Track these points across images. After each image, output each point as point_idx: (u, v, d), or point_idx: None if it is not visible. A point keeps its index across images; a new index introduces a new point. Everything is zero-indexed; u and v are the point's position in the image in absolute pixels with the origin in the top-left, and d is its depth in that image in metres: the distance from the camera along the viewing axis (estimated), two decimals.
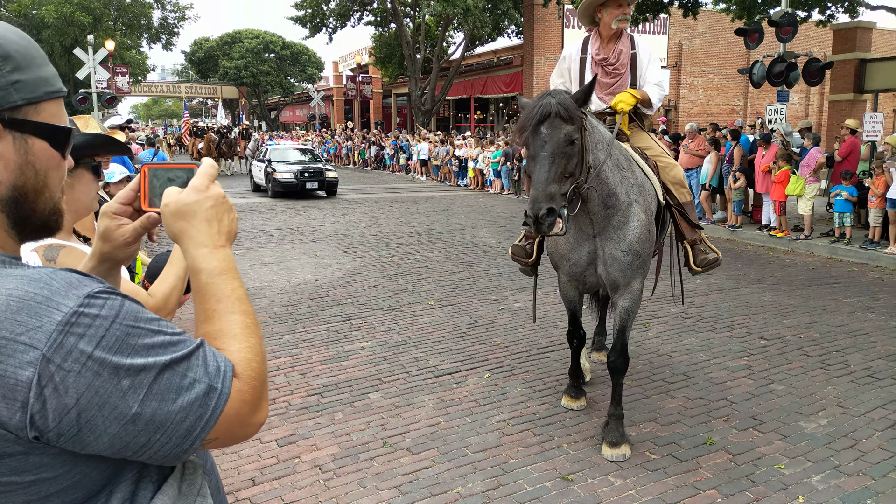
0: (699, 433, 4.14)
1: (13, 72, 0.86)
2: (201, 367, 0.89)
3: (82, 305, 0.81)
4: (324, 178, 18.03)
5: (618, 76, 4.38)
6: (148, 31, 36.56)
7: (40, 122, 0.90)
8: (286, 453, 3.92)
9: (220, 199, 1.05)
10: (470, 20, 24.41)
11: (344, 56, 45.90)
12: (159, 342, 0.86)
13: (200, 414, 0.87)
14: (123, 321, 0.84)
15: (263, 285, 8.00)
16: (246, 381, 0.94)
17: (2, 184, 0.88)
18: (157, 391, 0.84)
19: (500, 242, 10.94)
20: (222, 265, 1.02)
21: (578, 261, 3.97)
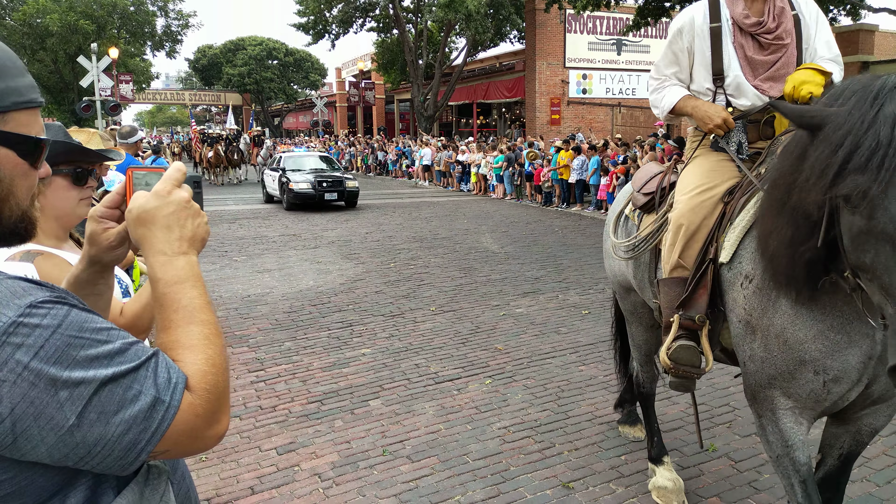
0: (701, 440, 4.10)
1: None
2: (150, 378, 0.87)
3: (22, 315, 0.81)
4: (343, 187, 16.57)
5: (780, 49, 2.81)
6: (151, 39, 36.72)
7: (4, 132, 0.90)
8: (285, 461, 3.90)
9: (183, 203, 1.03)
10: (472, 26, 24.46)
11: (347, 62, 46.06)
12: (105, 352, 0.85)
13: (145, 427, 0.86)
14: (66, 331, 0.83)
15: (265, 292, 7.99)
16: (199, 394, 0.91)
17: None
18: (97, 404, 0.82)
19: (503, 248, 10.93)
20: (181, 273, 1.00)
21: (846, 370, 2.18)
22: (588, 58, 26.54)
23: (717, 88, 2.87)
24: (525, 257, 10.10)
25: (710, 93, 2.89)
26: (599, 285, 8.21)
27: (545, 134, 23.98)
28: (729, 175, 2.78)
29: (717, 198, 2.71)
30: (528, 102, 26.40)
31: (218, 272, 9.12)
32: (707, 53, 2.85)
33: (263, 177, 19.36)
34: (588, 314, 6.92)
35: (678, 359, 2.66)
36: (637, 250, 3.16)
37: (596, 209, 15.23)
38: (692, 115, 2.91)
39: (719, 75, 2.85)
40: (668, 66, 3.02)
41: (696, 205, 2.71)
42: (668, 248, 2.78)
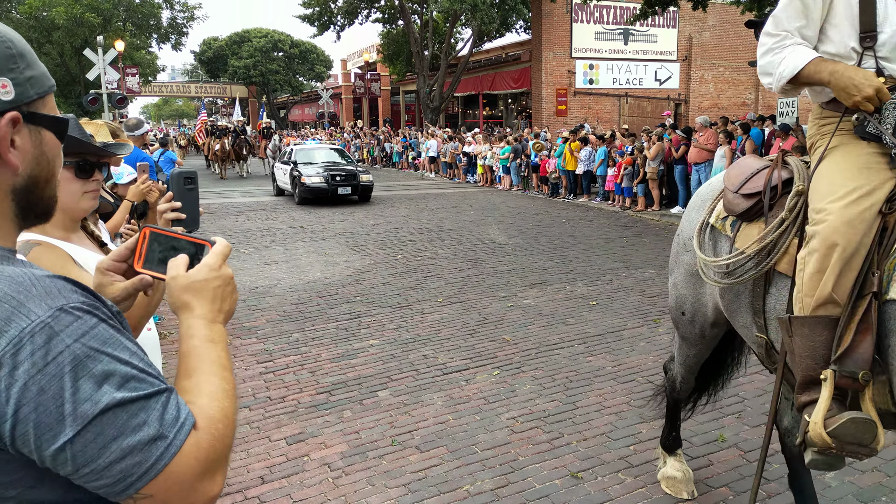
0: (710, 430, 4.10)
1: (27, 68, 0.91)
2: (157, 411, 0.85)
3: (50, 317, 0.81)
4: (357, 181, 16.12)
5: None
6: (157, 32, 36.73)
7: (49, 115, 0.94)
8: (295, 451, 3.92)
9: (229, 279, 1.09)
10: (478, 16, 24.34)
11: (352, 54, 45.94)
12: (121, 373, 0.84)
13: (140, 461, 0.83)
14: (88, 342, 0.82)
15: (273, 284, 8.02)
16: (204, 439, 0.89)
17: (19, 174, 0.91)
18: (98, 424, 0.81)
19: (510, 239, 10.91)
20: (215, 335, 1.03)
21: None
22: (595, 48, 26.36)
23: (865, 50, 2.20)
24: (532, 248, 10.08)
25: (854, 55, 2.21)
26: (607, 276, 8.19)
27: (551, 125, 23.88)
28: (885, 175, 2.14)
29: (876, 208, 2.09)
30: (535, 93, 26.27)
31: None
32: (854, 2, 2.19)
33: (274, 170, 19.05)
34: (596, 305, 6.91)
35: (842, 436, 2.01)
36: (741, 274, 2.41)
37: (603, 200, 15.18)
38: (829, 82, 2.17)
39: (870, 32, 2.18)
40: (793, 18, 2.27)
41: (854, 217, 2.07)
42: (813, 275, 2.12)
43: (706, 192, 2.94)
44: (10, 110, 0.88)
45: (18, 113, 0.89)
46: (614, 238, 10.96)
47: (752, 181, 2.50)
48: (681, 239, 3.02)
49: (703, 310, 2.92)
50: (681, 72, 27.98)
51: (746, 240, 2.42)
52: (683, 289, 3.02)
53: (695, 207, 2.95)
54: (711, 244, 2.69)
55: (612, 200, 14.82)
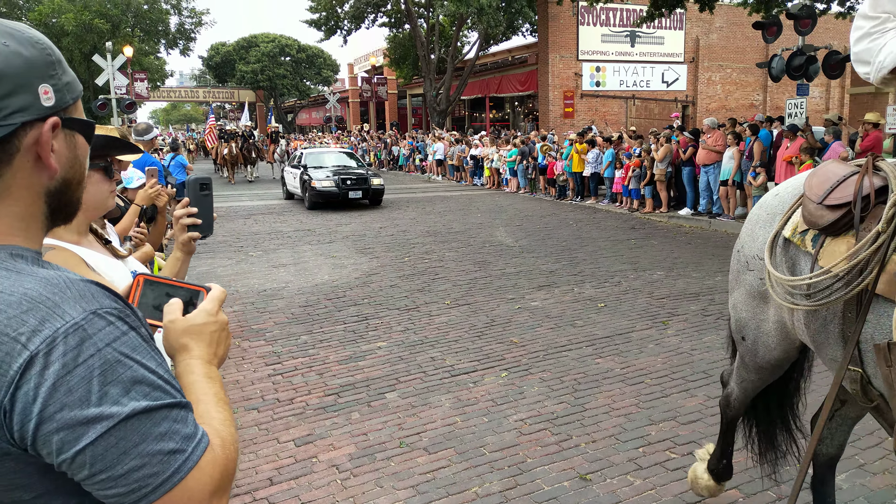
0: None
1: (63, 74, 0.94)
2: (178, 423, 0.86)
3: (84, 320, 0.82)
4: (368, 185, 15.94)
5: None
6: (165, 37, 36.97)
7: (82, 119, 0.98)
8: (303, 453, 3.93)
9: (224, 325, 1.13)
10: (484, 19, 24.37)
11: (359, 58, 46.07)
12: (148, 381, 0.84)
13: (157, 471, 0.83)
14: (119, 348, 0.83)
15: (281, 286, 8.04)
16: (219, 458, 0.90)
17: (54, 177, 0.93)
18: (122, 430, 0.81)
19: (517, 241, 10.90)
20: (212, 374, 1.06)
21: None
22: (601, 50, 26.34)
23: None
24: (540, 251, 10.07)
25: None
26: (615, 278, 8.17)
27: (558, 127, 23.86)
28: None
29: None
30: (541, 96, 26.27)
31: (234, 267, 9.18)
32: None
33: (284, 174, 18.92)
34: (604, 307, 6.89)
35: None
36: (826, 297, 2.09)
37: (611, 202, 15.14)
38: None
39: None
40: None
41: None
42: None
43: (773, 203, 2.59)
44: (51, 116, 0.90)
45: (58, 118, 0.91)
46: (622, 240, 10.93)
47: (839, 190, 2.17)
48: (742, 256, 2.71)
49: (766, 339, 2.64)
50: (688, 73, 27.91)
51: (832, 257, 2.10)
52: (744, 311, 2.74)
53: (760, 221, 2.62)
54: (787, 262, 2.36)
55: (620, 202, 14.78)
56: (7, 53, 0.87)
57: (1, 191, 0.89)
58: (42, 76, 0.90)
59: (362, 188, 15.87)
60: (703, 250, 10.01)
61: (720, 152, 12.17)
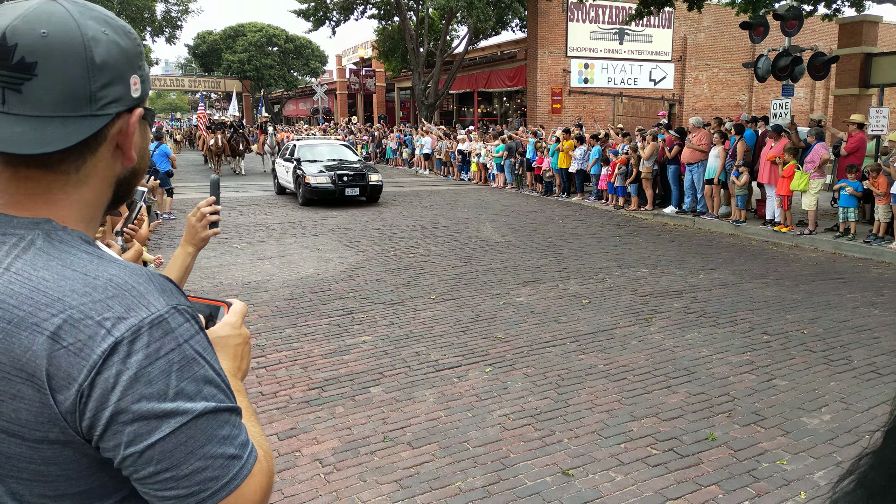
0: (701, 429, 4.13)
1: (145, 65, 0.93)
2: (237, 429, 0.86)
3: (168, 313, 0.82)
4: (366, 181, 15.01)
5: None
6: (151, 25, 36.50)
7: (151, 109, 0.97)
8: (286, 447, 3.92)
9: (247, 339, 1.12)
10: (473, 14, 24.31)
11: (347, 50, 45.81)
12: (216, 382, 0.84)
13: (219, 475, 0.82)
14: (195, 345, 0.83)
15: (265, 279, 8.00)
16: (266, 468, 0.90)
17: (127, 167, 0.93)
18: (192, 428, 0.80)
19: (503, 237, 10.92)
20: (239, 387, 1.04)
21: None
22: (590, 47, 26.40)
23: None
24: (525, 246, 10.09)
25: None
26: (600, 275, 8.22)
27: (546, 123, 23.90)
28: None
29: None
30: (530, 91, 26.29)
31: (218, 259, 9.12)
32: None
33: (275, 167, 17.90)
34: (588, 303, 6.93)
35: None
36: None
37: (596, 199, 15.21)
38: None
39: None
40: None
41: None
42: None
43: None
44: (137, 107, 0.91)
45: (143, 109, 0.92)
46: (607, 237, 10.99)
47: None
48: None
49: None
50: (675, 72, 28.05)
51: None
52: None
53: None
54: None
55: (606, 199, 14.85)
56: (107, 43, 0.85)
57: (81, 178, 0.88)
58: (133, 67, 0.89)
59: (360, 185, 14.96)
60: (686, 248, 10.09)
61: (705, 151, 12.26)
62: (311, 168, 15.10)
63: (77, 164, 0.87)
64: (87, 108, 0.83)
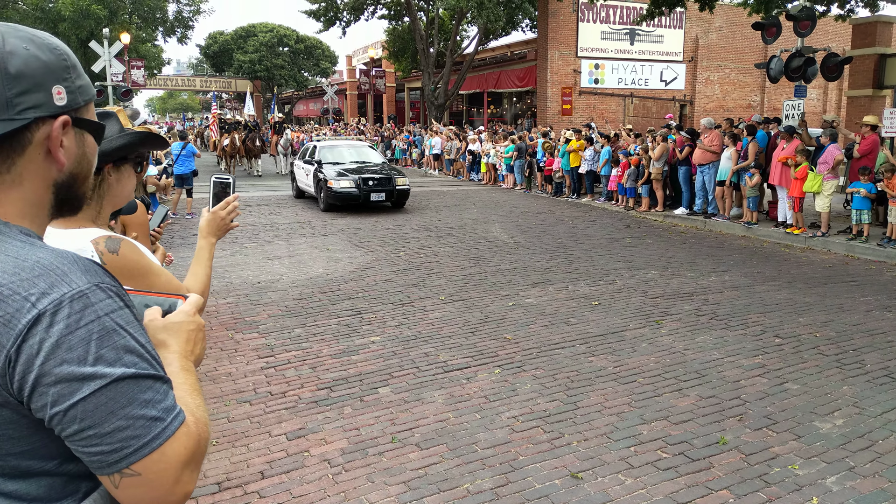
0: (712, 432, 4.09)
1: (77, 78, 1.03)
2: (160, 394, 0.94)
3: (89, 289, 0.91)
4: (392, 186, 13.95)
5: None
6: (163, 25, 36.72)
7: (92, 120, 1.07)
8: (295, 447, 3.92)
9: (201, 327, 1.22)
10: (484, 14, 24.29)
11: (357, 50, 45.90)
12: (138, 352, 0.93)
13: (140, 434, 0.91)
14: (115, 318, 0.92)
15: (275, 279, 8.01)
16: (193, 433, 0.98)
17: (62, 171, 1.02)
18: (112, 390, 0.89)
19: (512, 238, 10.90)
20: (189, 367, 1.13)
21: None
22: (600, 47, 26.31)
23: None
24: (535, 247, 10.07)
25: None
26: (609, 276, 8.18)
27: (556, 124, 23.84)
28: None
29: None
30: (540, 92, 26.23)
31: (228, 258, 9.15)
32: None
33: (293, 169, 16.96)
34: (598, 305, 6.90)
35: None
36: None
37: (606, 200, 15.15)
38: None
39: None
40: None
41: None
42: None
43: None
44: (63, 114, 0.99)
45: (69, 117, 1.00)
46: (617, 238, 10.94)
47: None
48: None
49: None
50: (686, 73, 27.91)
51: None
52: None
53: None
54: None
55: (616, 200, 14.79)
56: (27, 56, 0.96)
57: (14, 178, 0.98)
58: (57, 78, 0.99)
59: (386, 189, 13.89)
60: (697, 250, 10.03)
61: (717, 152, 12.18)
62: (334, 171, 14.21)
63: (7, 164, 0.97)
64: (3, 113, 0.93)
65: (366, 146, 17.15)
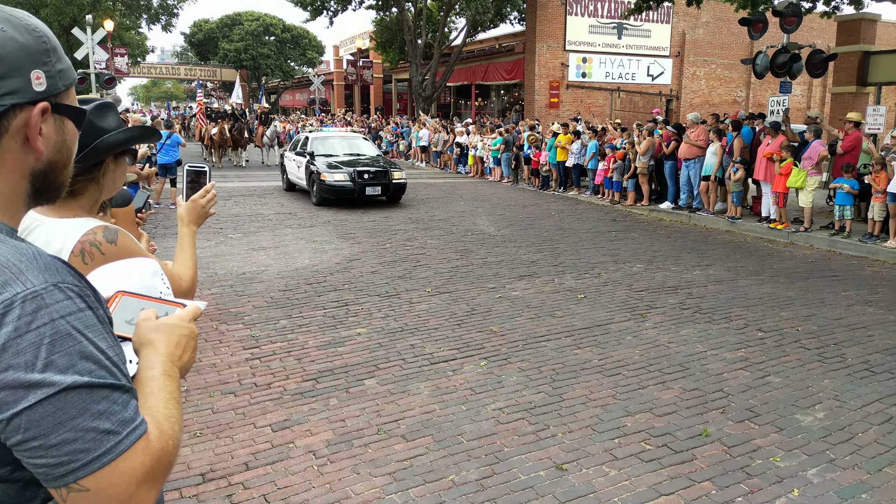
0: (695, 425, 4.13)
1: (58, 62, 0.97)
2: (118, 405, 0.87)
3: (44, 289, 0.85)
4: (388, 180, 13.51)
5: None
6: (147, 12, 36.19)
7: (73, 106, 1.01)
8: (280, 438, 3.91)
9: (194, 335, 1.16)
10: (472, 6, 24.21)
11: (345, 40, 45.59)
12: (95, 359, 0.86)
13: (89, 448, 0.84)
14: (72, 322, 0.85)
15: (260, 269, 7.96)
16: (154, 448, 0.90)
17: (40, 159, 0.96)
18: (61, 399, 0.82)
19: (499, 230, 10.91)
20: (173, 374, 1.06)
21: None
22: (588, 41, 26.33)
23: None
24: (521, 240, 10.08)
25: None
26: (595, 270, 8.22)
27: (543, 117, 23.86)
28: None
29: None
30: (528, 85, 26.22)
31: (213, 249, 9.08)
32: None
33: (284, 161, 16.42)
34: (583, 298, 6.93)
35: None
36: None
37: (593, 193, 15.20)
38: None
39: None
40: None
41: None
42: None
43: None
44: (42, 100, 0.94)
45: (48, 103, 0.94)
46: (603, 232, 10.99)
47: None
48: None
49: None
50: (673, 67, 28.02)
51: None
52: None
53: None
54: None
55: (602, 194, 14.84)
56: (3, 38, 0.90)
57: None
58: (35, 62, 0.93)
59: (381, 183, 13.45)
60: (682, 244, 10.10)
61: (703, 147, 12.25)
62: (328, 164, 13.67)
63: None
64: None
65: (360, 138, 16.53)
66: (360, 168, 13.54)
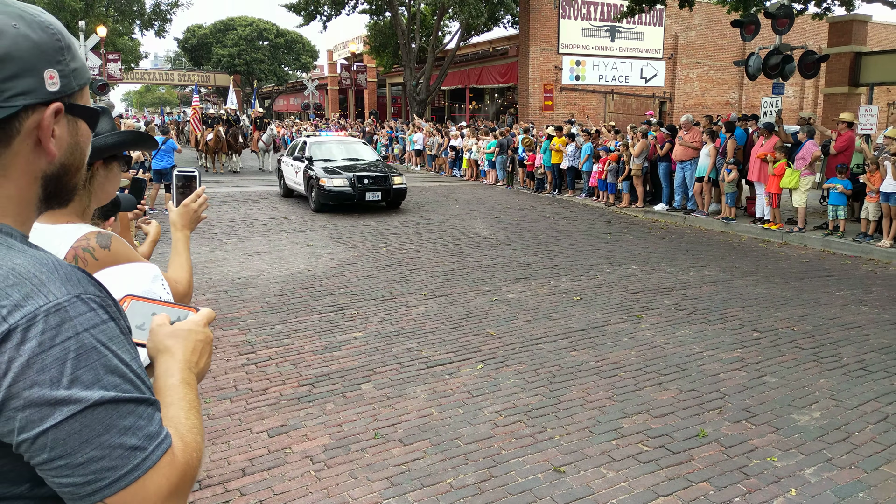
0: (692, 425, 4.13)
1: (72, 60, 0.93)
2: (143, 420, 0.85)
3: (67, 302, 0.82)
4: (389, 185, 13.21)
5: None
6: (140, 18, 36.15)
7: (87, 106, 0.97)
8: (277, 444, 3.89)
9: (209, 340, 1.13)
10: (465, 9, 24.25)
11: (338, 45, 45.62)
12: (120, 372, 0.84)
13: (116, 465, 0.82)
14: (97, 334, 0.83)
15: (256, 275, 7.94)
16: (179, 462, 0.88)
17: (53, 162, 0.92)
18: (87, 416, 0.80)
19: (495, 233, 10.91)
20: (191, 381, 1.04)
21: None
22: (582, 44, 26.41)
23: None
24: (517, 243, 10.09)
25: None
26: (591, 271, 8.22)
27: (537, 120, 23.90)
28: None
29: None
30: (521, 88, 26.28)
31: (208, 254, 9.05)
32: None
33: (281, 166, 16.01)
34: (579, 300, 6.93)
35: None
36: None
37: (588, 196, 15.22)
38: None
39: None
40: None
41: None
42: None
43: None
44: (55, 101, 0.90)
45: (62, 104, 0.90)
46: (598, 234, 11.01)
47: None
48: None
49: None
50: (666, 70, 28.12)
51: None
52: None
53: None
54: None
55: (597, 196, 14.87)
56: (15, 35, 0.86)
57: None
58: (49, 61, 0.89)
59: (382, 188, 13.14)
60: (677, 245, 10.12)
61: (697, 149, 12.29)
62: (327, 169, 13.37)
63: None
64: None
65: (358, 142, 16.35)
66: (359, 173, 13.24)
